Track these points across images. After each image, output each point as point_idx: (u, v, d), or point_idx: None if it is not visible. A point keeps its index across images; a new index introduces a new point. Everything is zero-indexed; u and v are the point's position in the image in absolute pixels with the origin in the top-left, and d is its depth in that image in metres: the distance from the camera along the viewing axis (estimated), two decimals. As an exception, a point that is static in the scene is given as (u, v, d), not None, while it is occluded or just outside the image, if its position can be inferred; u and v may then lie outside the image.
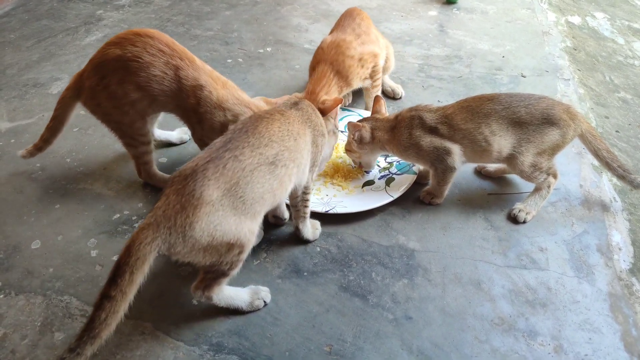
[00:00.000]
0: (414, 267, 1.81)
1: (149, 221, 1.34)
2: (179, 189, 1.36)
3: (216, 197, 1.37)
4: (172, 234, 1.33)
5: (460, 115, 1.89)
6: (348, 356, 1.53)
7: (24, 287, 1.76)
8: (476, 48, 3.17)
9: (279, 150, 1.51)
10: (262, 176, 1.46)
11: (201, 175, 1.37)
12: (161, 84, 1.84)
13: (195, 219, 1.34)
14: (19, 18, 3.64)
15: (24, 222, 2.01)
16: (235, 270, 1.53)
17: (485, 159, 1.94)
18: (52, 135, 2.08)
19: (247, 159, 1.44)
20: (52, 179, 2.22)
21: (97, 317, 1.27)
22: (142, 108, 1.91)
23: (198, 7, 3.79)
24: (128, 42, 1.82)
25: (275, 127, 1.55)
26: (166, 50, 1.84)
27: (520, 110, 1.85)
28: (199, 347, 1.56)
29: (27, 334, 1.61)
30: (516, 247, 1.87)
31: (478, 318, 1.64)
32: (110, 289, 1.28)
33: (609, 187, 2.11)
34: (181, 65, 1.84)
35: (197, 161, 1.42)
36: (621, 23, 3.56)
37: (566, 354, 1.53)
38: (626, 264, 1.80)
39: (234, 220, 1.41)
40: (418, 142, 1.91)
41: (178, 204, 1.34)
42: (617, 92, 2.78)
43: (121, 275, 1.29)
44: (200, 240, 1.36)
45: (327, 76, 2.20)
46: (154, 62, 1.82)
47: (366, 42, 2.33)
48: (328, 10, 3.69)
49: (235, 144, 1.46)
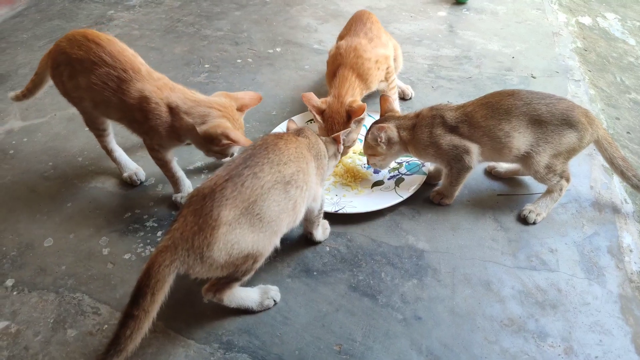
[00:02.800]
0: (423, 267, 1.81)
1: (167, 243, 1.35)
2: (196, 210, 1.37)
3: (233, 217, 1.37)
4: (190, 256, 1.34)
5: (481, 112, 1.88)
6: (357, 356, 1.54)
7: (36, 284, 1.78)
8: (486, 49, 3.16)
9: (295, 171, 1.52)
10: (279, 194, 1.46)
11: (219, 195, 1.37)
12: (101, 93, 1.80)
13: (213, 240, 1.34)
14: (31, 18, 3.68)
15: (37, 220, 2.03)
16: (248, 277, 1.54)
17: (503, 156, 1.91)
18: (34, 87, 2.12)
19: (266, 176, 1.44)
20: (64, 177, 2.24)
21: (122, 334, 1.30)
22: (88, 107, 1.94)
23: (208, 8, 3.81)
24: (75, 43, 1.81)
25: (292, 147, 1.56)
26: (108, 60, 1.78)
27: (541, 107, 1.83)
28: (209, 346, 1.57)
29: (40, 331, 1.63)
30: (526, 248, 1.87)
31: (488, 319, 1.63)
32: (133, 309, 1.31)
33: (619, 189, 2.10)
34: (124, 77, 1.78)
35: (215, 180, 1.41)
36: (632, 24, 3.53)
37: (576, 355, 1.53)
38: (637, 266, 1.79)
39: (252, 238, 1.42)
40: (438, 140, 1.91)
41: (196, 226, 1.34)
42: (628, 93, 2.76)
43: (143, 297, 1.31)
44: (219, 259, 1.37)
45: (350, 79, 2.19)
46: (94, 70, 1.78)
47: (378, 45, 2.34)
48: (337, 11, 3.69)
49: (255, 160, 1.46)
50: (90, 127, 2.08)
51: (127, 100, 1.78)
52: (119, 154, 2.18)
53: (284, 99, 2.73)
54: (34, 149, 2.41)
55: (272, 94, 2.77)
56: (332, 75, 2.27)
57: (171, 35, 3.42)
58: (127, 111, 1.82)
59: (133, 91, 1.78)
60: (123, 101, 1.79)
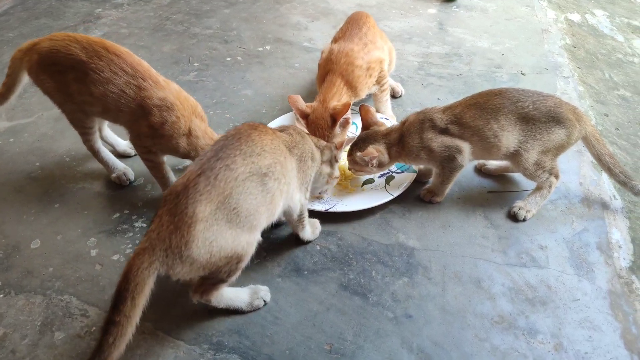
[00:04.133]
0: (414, 265, 1.81)
1: (144, 245, 1.32)
2: (171, 209, 1.34)
3: (209, 212, 1.33)
4: (168, 256, 1.31)
5: (469, 113, 1.88)
6: (348, 355, 1.53)
7: (23, 286, 1.76)
8: (476, 46, 3.16)
9: (272, 162, 1.48)
10: (255, 187, 1.43)
11: (193, 191, 1.33)
12: (118, 101, 1.82)
13: (190, 238, 1.31)
14: (18, 17, 3.63)
15: (24, 222, 2.01)
16: (234, 278, 1.51)
17: (493, 155, 1.93)
18: (7, 91, 2.09)
19: (239, 167, 1.40)
20: (51, 178, 2.22)
21: (105, 342, 1.28)
22: (92, 111, 1.93)
23: (197, 5, 3.78)
24: (95, 53, 1.81)
25: (267, 138, 1.52)
26: (129, 70, 1.82)
27: (528, 105, 1.84)
28: (199, 346, 1.56)
29: (27, 334, 1.61)
30: (516, 245, 1.87)
31: (478, 316, 1.64)
32: (114, 315, 1.28)
33: (608, 185, 2.11)
34: (143, 85, 1.82)
35: (188, 175, 1.38)
36: (620, 20, 3.56)
37: (566, 351, 1.53)
38: (626, 262, 1.80)
39: (230, 234, 1.38)
40: (430, 144, 1.90)
41: (172, 225, 1.31)
42: (616, 89, 2.78)
43: (123, 302, 1.28)
44: (199, 258, 1.34)
45: (338, 85, 2.18)
46: (114, 80, 1.80)
47: (372, 50, 2.31)
48: (327, 9, 3.68)
49: (227, 152, 1.42)
50: (77, 127, 2.05)
51: (145, 106, 1.81)
52: (105, 154, 2.16)
53: (274, 97, 2.72)
54: (20, 150, 2.38)
55: (262, 92, 2.75)
56: (323, 80, 2.25)
57: (160, 33, 3.39)
58: (140, 117, 1.83)
59: (155, 99, 1.81)
60: (141, 107, 1.81)
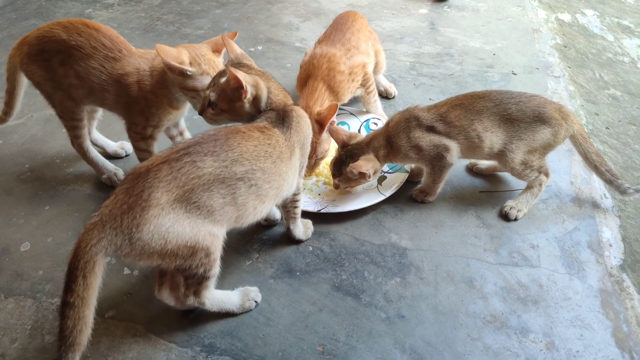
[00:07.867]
0: (406, 265, 1.81)
1: (95, 220, 1.28)
2: (128, 188, 1.30)
3: (166, 201, 1.29)
4: (118, 235, 1.26)
5: (454, 113, 1.90)
6: (341, 355, 1.53)
7: (13, 290, 1.74)
8: (467, 46, 3.17)
9: (250, 169, 1.42)
10: (224, 189, 1.38)
11: (152, 176, 1.30)
12: (99, 77, 1.83)
13: (142, 221, 1.27)
14: (7, 17, 3.60)
15: (13, 224, 1.99)
16: (213, 272, 1.47)
17: (478, 155, 1.95)
18: (11, 98, 2.08)
19: (207, 168, 1.35)
20: (41, 180, 2.20)
21: (65, 326, 1.24)
22: (79, 95, 1.92)
23: (188, 6, 3.77)
24: (75, 30, 1.83)
25: (250, 144, 1.45)
26: (107, 43, 1.84)
27: (511, 107, 1.87)
28: (191, 349, 1.55)
29: (17, 338, 1.59)
30: (508, 244, 1.88)
31: (470, 316, 1.64)
32: (67, 296, 1.24)
33: (599, 184, 2.12)
34: (119, 56, 1.84)
35: (153, 160, 1.35)
36: (610, 20, 3.58)
37: (558, 350, 1.54)
38: (617, 260, 1.81)
39: (189, 223, 1.34)
40: (418, 142, 1.91)
41: (125, 204, 1.27)
42: (607, 89, 2.80)
43: (74, 281, 1.24)
44: (151, 243, 1.29)
45: (319, 90, 2.13)
46: (94, 55, 1.82)
47: (355, 55, 2.27)
48: (319, 9, 3.68)
49: (198, 149, 1.37)
50: (67, 120, 2.02)
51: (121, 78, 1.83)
52: (94, 154, 2.14)
53: (265, 97, 2.70)
54: (10, 151, 2.36)
55: (253, 92, 2.74)
56: (304, 83, 2.21)
57: (151, 34, 3.37)
58: (123, 90, 1.84)
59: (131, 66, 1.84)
60: (119, 80, 1.83)
